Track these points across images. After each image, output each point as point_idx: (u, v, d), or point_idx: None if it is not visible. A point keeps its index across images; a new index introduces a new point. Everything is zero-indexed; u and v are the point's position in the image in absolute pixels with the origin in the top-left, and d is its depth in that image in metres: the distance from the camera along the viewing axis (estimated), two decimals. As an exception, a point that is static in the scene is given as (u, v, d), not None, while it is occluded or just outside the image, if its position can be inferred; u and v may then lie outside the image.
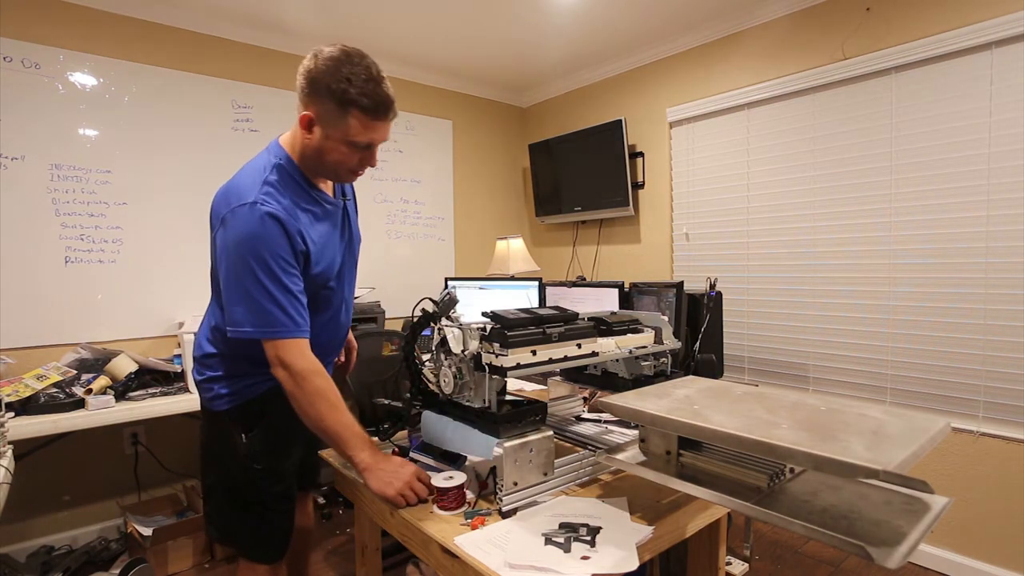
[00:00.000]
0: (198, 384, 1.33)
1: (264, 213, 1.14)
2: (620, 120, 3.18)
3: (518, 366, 1.07)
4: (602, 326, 1.29)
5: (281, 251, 1.15)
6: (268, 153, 1.26)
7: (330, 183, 1.35)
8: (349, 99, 1.12)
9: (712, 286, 2.11)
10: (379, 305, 3.00)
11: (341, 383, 1.37)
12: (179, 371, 2.36)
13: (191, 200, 2.66)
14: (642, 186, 3.28)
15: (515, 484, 1.03)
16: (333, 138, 1.17)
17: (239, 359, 1.26)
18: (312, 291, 1.25)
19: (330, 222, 1.31)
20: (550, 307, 1.27)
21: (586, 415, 1.55)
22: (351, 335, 1.60)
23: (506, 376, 1.05)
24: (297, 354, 1.15)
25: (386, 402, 1.34)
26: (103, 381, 2.15)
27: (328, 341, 1.37)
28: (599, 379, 1.44)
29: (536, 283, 2.61)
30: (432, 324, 1.20)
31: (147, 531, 2.22)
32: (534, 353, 1.10)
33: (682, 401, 1.01)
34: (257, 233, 1.13)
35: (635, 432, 1.30)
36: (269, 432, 1.30)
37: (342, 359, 1.61)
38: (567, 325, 1.19)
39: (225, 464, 1.32)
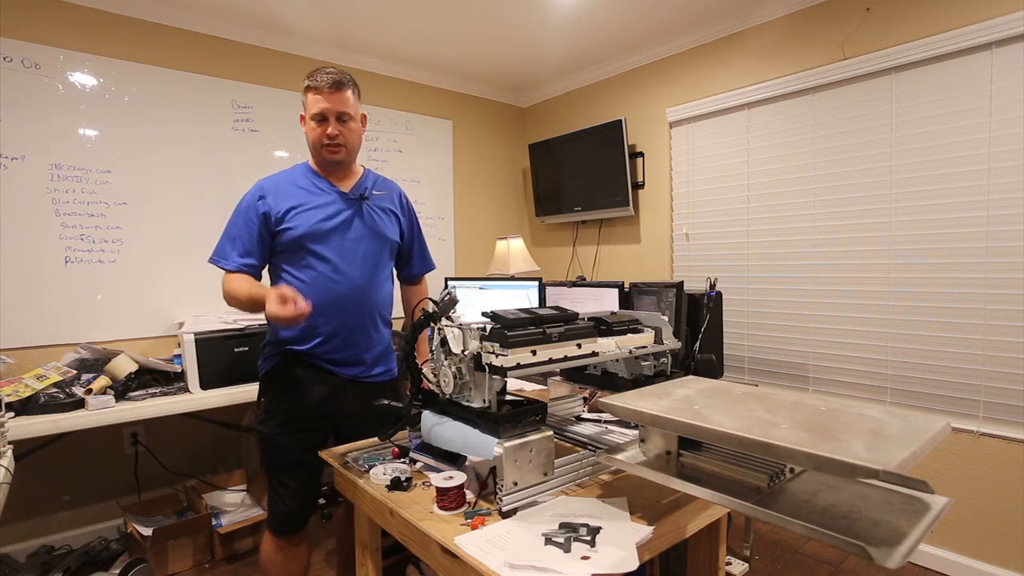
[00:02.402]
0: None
1: (256, 184, 1.57)
2: (620, 120, 3.18)
3: (518, 366, 1.07)
4: (602, 326, 1.29)
5: (248, 209, 1.53)
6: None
7: (347, 181, 1.63)
8: (306, 86, 1.52)
9: (712, 286, 2.11)
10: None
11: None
12: (179, 371, 2.36)
13: (191, 200, 2.66)
14: (642, 186, 3.28)
15: (515, 484, 1.03)
16: (306, 119, 1.55)
17: (272, 334, 1.58)
18: (292, 246, 1.52)
19: (324, 201, 1.57)
20: (550, 307, 1.27)
21: (586, 415, 1.55)
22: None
23: (506, 376, 1.05)
24: (225, 279, 1.51)
25: (386, 402, 1.34)
26: (103, 381, 2.15)
27: (320, 301, 1.47)
28: (599, 379, 1.44)
29: (536, 283, 2.61)
30: (432, 324, 1.20)
31: (147, 531, 2.22)
32: (534, 353, 1.10)
33: (682, 401, 1.01)
34: (244, 195, 1.56)
35: (635, 432, 1.30)
36: (270, 400, 1.56)
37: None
38: (567, 325, 1.19)
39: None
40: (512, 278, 3.03)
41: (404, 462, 1.30)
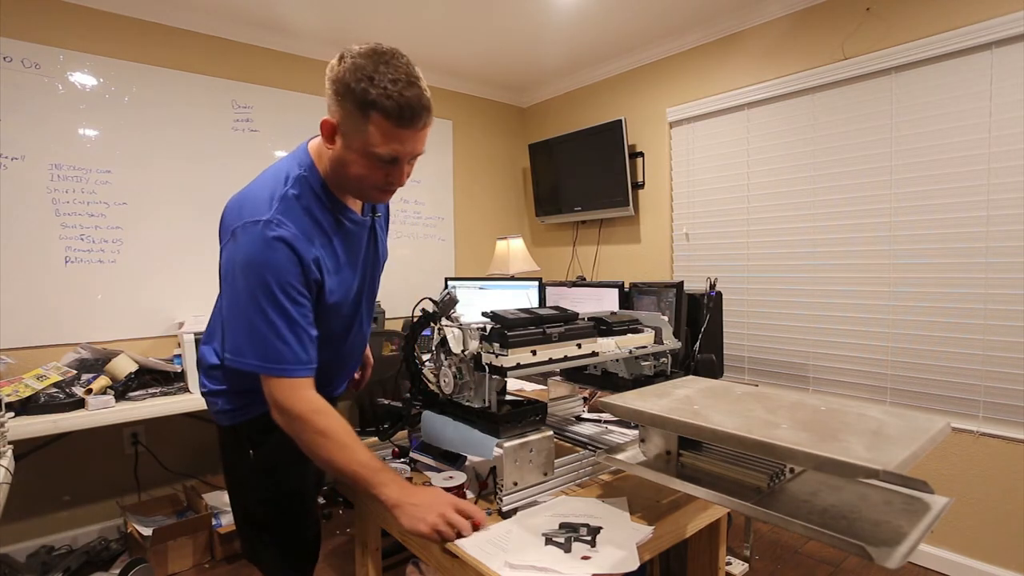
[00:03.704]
0: (204, 396, 1.24)
1: (276, 237, 1.02)
2: (620, 120, 3.18)
3: (518, 366, 1.07)
4: (602, 326, 1.29)
5: (292, 279, 1.03)
6: (293, 159, 1.13)
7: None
8: (369, 100, 0.96)
9: (712, 286, 2.11)
10: (379, 305, 2.99)
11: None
12: (179, 371, 2.36)
13: (191, 200, 2.66)
14: (642, 186, 3.28)
15: (515, 484, 1.03)
16: (353, 148, 1.02)
17: (246, 374, 1.09)
18: (327, 323, 1.15)
19: (353, 243, 1.19)
20: (550, 307, 1.27)
21: (586, 415, 1.55)
22: (368, 351, 1.51)
23: (506, 376, 1.05)
24: (297, 396, 1.03)
25: (386, 402, 1.34)
26: (103, 381, 2.15)
27: (340, 364, 1.31)
28: (599, 379, 1.44)
29: (536, 283, 2.61)
30: (432, 324, 1.20)
31: (147, 531, 2.22)
32: (534, 353, 1.10)
33: (682, 401, 1.01)
34: (267, 259, 1.01)
35: (635, 432, 1.30)
36: (279, 448, 1.13)
37: (356, 375, 1.53)
38: (567, 325, 1.19)
39: (238, 480, 1.28)
40: (512, 278, 3.03)
41: (404, 462, 1.29)
